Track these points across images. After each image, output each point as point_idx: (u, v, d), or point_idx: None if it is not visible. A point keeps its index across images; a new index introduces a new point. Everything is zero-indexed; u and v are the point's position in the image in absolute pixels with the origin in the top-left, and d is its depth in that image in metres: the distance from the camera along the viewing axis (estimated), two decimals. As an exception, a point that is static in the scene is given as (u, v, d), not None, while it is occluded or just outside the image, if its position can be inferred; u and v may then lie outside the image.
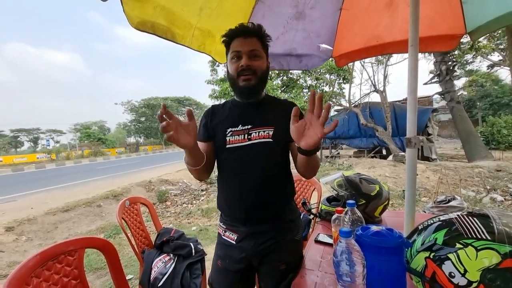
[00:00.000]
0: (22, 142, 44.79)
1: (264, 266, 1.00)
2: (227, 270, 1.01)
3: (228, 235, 1.01)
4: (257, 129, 0.97)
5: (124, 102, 41.33)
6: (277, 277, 0.97)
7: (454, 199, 3.13)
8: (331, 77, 13.32)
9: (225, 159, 1.01)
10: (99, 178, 9.77)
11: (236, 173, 0.98)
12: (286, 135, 0.95)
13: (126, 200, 1.67)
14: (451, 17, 1.31)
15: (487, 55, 11.57)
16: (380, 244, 0.70)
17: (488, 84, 18.81)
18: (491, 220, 0.65)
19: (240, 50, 0.93)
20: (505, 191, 4.64)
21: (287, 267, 0.98)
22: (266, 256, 0.98)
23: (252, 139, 0.96)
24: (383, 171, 6.32)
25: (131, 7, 0.85)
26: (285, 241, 1.00)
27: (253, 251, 0.97)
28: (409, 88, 1.10)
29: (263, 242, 0.97)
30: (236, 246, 0.99)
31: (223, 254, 1.03)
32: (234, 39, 0.95)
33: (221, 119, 1.02)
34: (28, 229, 4.02)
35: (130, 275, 2.52)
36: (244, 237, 0.98)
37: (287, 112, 0.98)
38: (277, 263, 0.98)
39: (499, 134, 13.86)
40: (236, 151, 0.97)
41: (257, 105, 1.02)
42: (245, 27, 0.95)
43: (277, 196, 0.99)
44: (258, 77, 0.95)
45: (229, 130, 0.98)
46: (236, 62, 0.94)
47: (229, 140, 0.97)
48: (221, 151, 1.00)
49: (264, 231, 0.98)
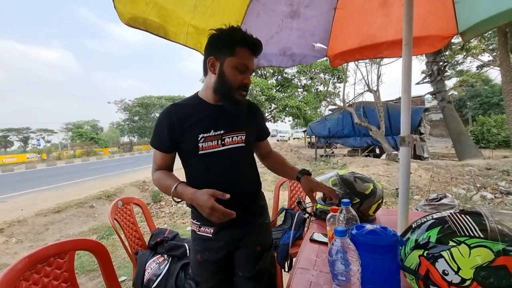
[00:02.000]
0: (12, 142, 43.76)
1: (241, 249, 1.05)
2: (207, 261, 1.04)
3: (204, 229, 1.03)
4: (230, 134, 0.98)
5: (117, 101, 40.75)
6: (254, 257, 1.05)
7: (446, 197, 3.19)
8: (326, 76, 13.41)
9: (196, 164, 0.99)
10: (92, 178, 9.61)
11: (209, 177, 0.98)
12: (255, 137, 1.11)
13: (118, 201, 1.64)
14: (444, 17, 1.32)
15: (477, 55, 11.81)
16: (375, 242, 0.70)
17: (478, 84, 19.20)
18: (484, 218, 0.66)
19: (249, 67, 0.94)
20: (495, 189, 4.74)
21: (262, 249, 1.07)
22: (241, 241, 1.04)
23: (226, 144, 0.97)
24: (377, 169, 6.38)
25: (122, 3, 0.83)
26: (257, 224, 1.08)
27: (229, 239, 1.03)
28: (403, 87, 1.10)
29: (238, 229, 1.03)
30: (213, 238, 1.02)
31: (201, 248, 1.05)
32: (243, 47, 0.91)
33: (189, 124, 0.95)
34: (18, 230, 3.92)
35: (123, 277, 2.49)
36: (220, 228, 1.01)
37: (255, 115, 1.11)
38: (254, 245, 1.06)
39: (489, 133, 14.18)
40: (209, 156, 0.96)
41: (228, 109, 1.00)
42: (257, 44, 0.94)
43: (250, 191, 1.08)
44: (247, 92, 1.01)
45: (201, 136, 0.95)
46: (241, 74, 0.93)
47: (202, 147, 0.95)
48: (191, 156, 0.98)
49: (238, 219, 0.95)
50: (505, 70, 7.90)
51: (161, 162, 1.02)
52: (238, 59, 0.91)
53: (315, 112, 16.12)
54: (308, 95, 15.12)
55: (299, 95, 15.26)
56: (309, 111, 15.01)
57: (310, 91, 15.27)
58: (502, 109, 14.60)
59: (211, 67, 0.95)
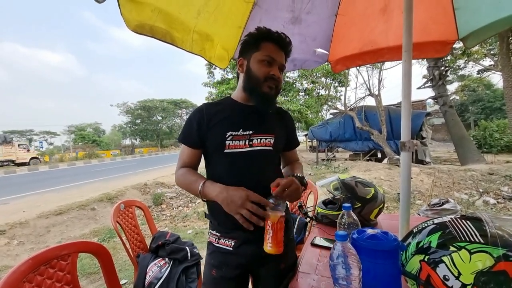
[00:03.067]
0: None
1: (264, 268, 0.98)
2: (223, 278, 0.96)
3: (224, 242, 0.96)
4: (258, 135, 0.94)
5: (119, 104, 41.05)
6: (277, 276, 0.98)
7: (448, 202, 3.17)
8: (327, 80, 13.46)
9: (220, 164, 0.95)
10: (94, 181, 9.64)
11: (233, 179, 0.92)
12: (283, 144, 1.04)
13: (121, 203, 1.65)
14: (444, 23, 1.34)
15: (478, 60, 11.82)
16: (376, 247, 0.70)
17: (480, 89, 19.18)
18: (484, 223, 0.66)
19: (275, 58, 0.93)
20: (497, 194, 4.70)
21: (285, 266, 1.00)
22: (266, 258, 0.93)
23: (254, 145, 0.93)
24: (378, 174, 6.37)
25: (128, 10, 0.85)
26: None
27: (253, 255, 0.94)
28: (403, 93, 1.11)
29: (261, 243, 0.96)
30: (233, 252, 0.95)
31: (218, 262, 0.97)
32: (268, 41, 0.93)
33: (218, 120, 0.95)
34: (20, 232, 3.94)
35: (124, 280, 2.49)
36: (243, 242, 0.94)
37: (285, 122, 1.07)
38: (277, 263, 0.98)
39: (491, 138, 14.10)
40: (235, 156, 0.92)
41: (259, 110, 0.99)
42: (284, 40, 0.95)
43: None
44: (278, 90, 0.98)
45: (229, 134, 0.92)
46: (267, 67, 0.93)
47: (229, 145, 0.92)
48: (216, 155, 0.96)
49: (263, 234, 0.94)
50: (507, 75, 7.90)
51: (187, 159, 1.00)
52: (263, 52, 0.93)
53: (316, 116, 16.15)
54: (309, 99, 15.17)
55: (300, 99, 15.29)
56: (311, 115, 15.04)
57: (312, 95, 15.32)
58: (504, 113, 14.55)
59: (239, 67, 0.99)
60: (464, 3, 1.24)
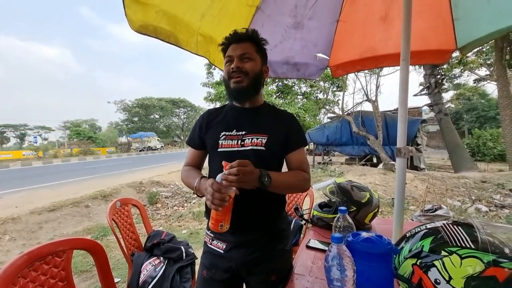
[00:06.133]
0: (8, 138, 43.36)
1: (254, 276, 0.97)
2: (212, 280, 0.97)
3: (216, 243, 0.98)
4: (250, 135, 0.96)
5: (117, 101, 40.79)
6: (267, 287, 0.96)
7: (441, 208, 3.20)
8: (326, 84, 13.54)
9: (214, 162, 0.99)
10: (88, 178, 9.53)
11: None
12: (280, 145, 0.98)
13: (117, 201, 1.65)
14: (443, 33, 1.37)
15: (474, 69, 12.02)
16: (370, 250, 0.72)
17: (475, 97, 19.46)
18: (475, 230, 0.69)
19: (232, 55, 0.96)
20: (489, 202, 4.77)
21: (277, 278, 0.97)
22: (256, 266, 0.95)
23: (245, 145, 0.95)
24: (374, 179, 6.42)
25: (133, 11, 0.86)
26: (276, 251, 0.98)
27: (242, 261, 0.94)
28: (400, 100, 1.14)
29: (253, 252, 0.94)
30: (224, 255, 0.95)
31: (209, 263, 0.99)
32: (227, 46, 0.99)
33: (216, 122, 1.03)
34: (12, 228, 3.88)
35: (117, 278, 2.46)
36: (234, 246, 0.95)
37: (284, 123, 1.02)
38: (268, 274, 0.96)
39: (485, 147, 14.32)
40: (226, 155, 0.94)
41: (254, 111, 1.02)
42: (237, 33, 0.98)
43: (269, 205, 0.97)
44: (250, 78, 0.94)
45: (223, 134, 0.98)
46: (228, 66, 0.97)
47: (221, 144, 0.96)
48: (212, 154, 1.01)
49: (254, 240, 0.95)
50: (502, 85, 8.06)
51: (190, 158, 1.09)
52: (226, 55, 0.99)
53: (314, 120, 16.23)
54: (307, 102, 15.23)
55: (298, 102, 15.35)
56: (308, 118, 15.08)
57: (310, 99, 15.39)
58: (498, 123, 14.79)
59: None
60: (463, 14, 1.27)
